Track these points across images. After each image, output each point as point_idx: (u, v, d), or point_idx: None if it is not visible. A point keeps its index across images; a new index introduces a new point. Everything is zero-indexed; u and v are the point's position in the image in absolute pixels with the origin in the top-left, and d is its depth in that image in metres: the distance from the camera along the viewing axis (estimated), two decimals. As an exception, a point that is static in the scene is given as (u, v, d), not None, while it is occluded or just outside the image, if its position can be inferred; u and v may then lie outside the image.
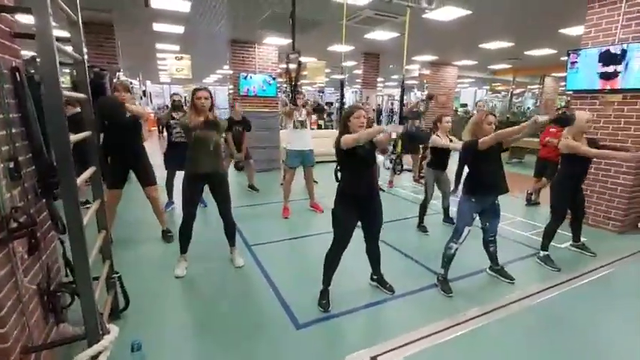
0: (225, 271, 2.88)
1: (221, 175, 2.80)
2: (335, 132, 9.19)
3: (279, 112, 3.94)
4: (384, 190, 5.53)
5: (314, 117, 11.18)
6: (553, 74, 11.98)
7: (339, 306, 2.36)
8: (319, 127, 12.12)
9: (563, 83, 14.47)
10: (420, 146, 6.03)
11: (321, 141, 5.66)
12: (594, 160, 3.64)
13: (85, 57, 1.73)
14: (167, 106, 17.06)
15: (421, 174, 6.19)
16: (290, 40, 3.46)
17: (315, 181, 4.52)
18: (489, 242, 2.77)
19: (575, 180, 3.09)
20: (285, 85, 14.31)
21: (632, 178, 3.81)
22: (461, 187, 2.68)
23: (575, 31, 5.82)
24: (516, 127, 2.37)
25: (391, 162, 5.68)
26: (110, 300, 2.07)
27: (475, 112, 6.05)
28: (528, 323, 2.30)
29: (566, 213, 3.17)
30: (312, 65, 8.13)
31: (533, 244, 3.48)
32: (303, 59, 7.14)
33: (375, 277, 2.65)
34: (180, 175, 3.68)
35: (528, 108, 16.14)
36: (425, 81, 10.79)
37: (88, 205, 2.11)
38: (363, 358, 1.91)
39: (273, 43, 7.20)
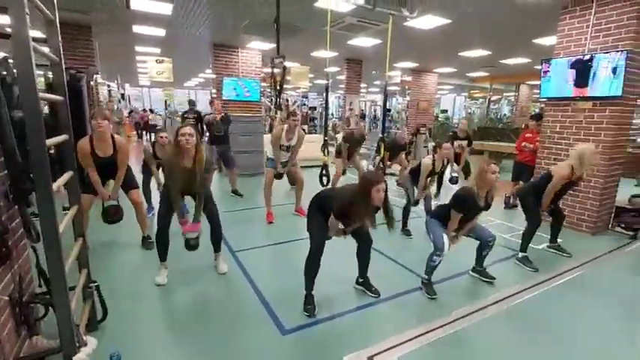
0: (208, 277, 2.82)
1: (205, 194, 2.68)
2: (319, 136, 9.22)
3: (271, 139, 3.90)
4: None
5: (303, 134, 11.21)
6: (528, 82, 12.47)
7: (325, 310, 2.35)
8: (303, 132, 12.12)
9: (536, 91, 15.12)
10: (403, 154, 6.15)
11: (307, 146, 5.66)
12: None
13: (62, 58, 1.67)
14: (147, 110, 16.71)
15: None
16: (274, 45, 3.45)
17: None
18: (487, 246, 2.79)
19: (540, 193, 3.20)
20: (268, 90, 14.30)
21: (602, 182, 4.00)
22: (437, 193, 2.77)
23: (548, 41, 6.10)
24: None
25: (374, 166, 5.74)
26: (87, 310, 1.98)
27: (458, 120, 6.20)
28: (509, 322, 2.36)
29: (541, 218, 3.28)
30: (295, 70, 8.17)
31: (512, 246, 3.59)
32: (286, 64, 7.13)
33: (360, 280, 2.66)
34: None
35: (505, 114, 16.75)
36: (407, 87, 11.02)
37: (64, 212, 2.03)
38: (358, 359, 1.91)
39: (256, 48, 7.18)
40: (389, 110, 18.01)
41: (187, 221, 2.58)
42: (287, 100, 4.55)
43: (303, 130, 11.72)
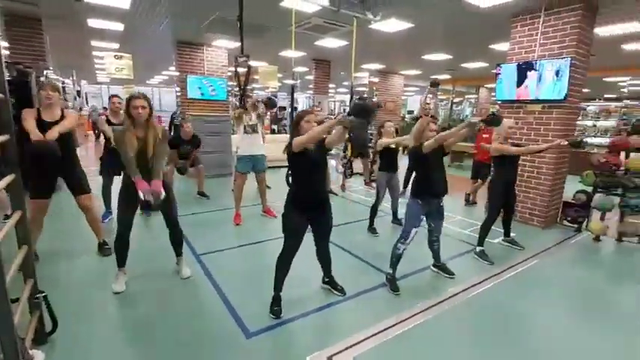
0: (170, 283, 2.72)
1: (164, 184, 2.60)
2: (287, 136, 9.19)
3: (230, 116, 3.83)
4: (336, 194, 5.65)
5: (267, 121, 11.08)
6: (486, 85, 13.15)
7: (291, 311, 2.35)
8: (273, 131, 12.03)
9: (494, 93, 15.99)
10: (370, 150, 6.27)
11: (275, 146, 5.62)
12: (521, 163, 4.08)
13: (4, 52, 1.55)
14: (105, 108, 15.82)
15: (372, 177, 6.42)
16: (239, 44, 3.41)
17: (267, 187, 4.47)
18: (434, 242, 2.96)
19: (506, 181, 3.44)
20: (236, 89, 14.06)
21: (551, 179, 4.31)
22: (409, 189, 2.84)
23: (502, 47, 6.46)
24: (454, 128, 2.58)
25: (343, 166, 5.82)
26: (34, 323, 1.85)
27: (422, 115, 6.41)
28: (467, 314, 2.49)
29: (500, 211, 3.50)
30: (263, 70, 8.08)
31: (471, 241, 3.77)
32: (254, 63, 7.04)
33: (326, 279, 2.69)
34: (118, 182, 3.44)
35: (467, 115, 17.55)
36: (374, 88, 11.24)
37: (5, 220, 1.88)
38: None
39: (222, 46, 7.02)
40: (358, 111, 18.23)
41: (142, 182, 2.42)
42: (252, 97, 4.48)
43: (273, 130, 11.57)
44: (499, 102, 4.79)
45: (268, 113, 13.26)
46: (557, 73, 4.00)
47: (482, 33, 5.71)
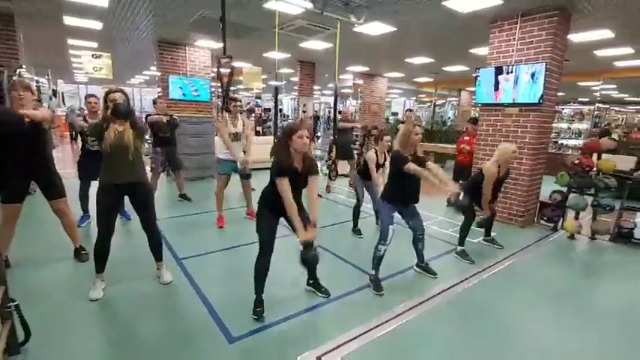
0: (150, 288, 2.66)
1: (142, 184, 2.57)
2: (271, 138, 9.12)
3: (215, 123, 3.74)
4: (320, 196, 5.66)
5: (251, 122, 10.99)
6: (467, 88, 13.47)
7: (274, 314, 2.34)
8: (257, 133, 11.94)
9: (474, 97, 16.40)
10: (355, 152, 6.32)
11: (260, 148, 5.60)
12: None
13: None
14: (83, 109, 15.35)
15: (356, 179, 6.47)
16: (222, 44, 3.36)
17: (252, 189, 4.43)
18: (418, 240, 2.99)
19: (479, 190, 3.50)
20: (220, 90, 13.90)
21: (528, 180, 4.45)
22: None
23: (482, 51, 6.63)
24: (430, 175, 2.63)
25: (328, 168, 5.84)
26: (6, 332, 1.77)
27: (404, 118, 6.51)
28: (449, 312, 2.53)
29: (475, 213, 3.57)
30: (248, 71, 8.02)
31: (453, 241, 3.84)
32: (238, 64, 6.98)
33: (310, 281, 2.68)
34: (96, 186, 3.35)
35: (449, 117, 17.93)
36: (359, 90, 11.33)
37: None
38: (298, 364, 1.91)
39: (205, 46, 6.93)
40: (341, 112, 18.42)
41: None
42: (240, 102, 4.44)
43: (258, 132, 11.47)
44: (479, 105, 4.91)
45: (253, 115, 13.20)
46: (532, 77, 4.14)
47: (463, 37, 5.85)
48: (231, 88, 3.68)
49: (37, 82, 7.68)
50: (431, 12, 4.48)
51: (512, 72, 4.31)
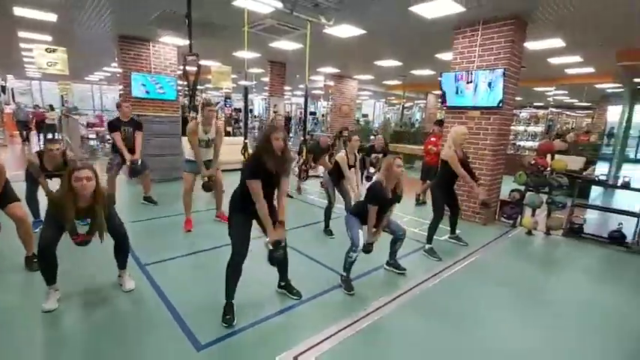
0: (111, 297, 2.51)
1: (108, 195, 2.40)
2: (242, 139, 8.95)
3: (187, 131, 3.53)
4: (292, 197, 5.63)
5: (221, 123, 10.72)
6: (434, 91, 13.97)
7: (245, 318, 2.29)
8: (228, 134, 11.68)
9: (440, 100, 17.06)
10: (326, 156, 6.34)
11: (229, 148, 5.47)
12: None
13: None
14: (37, 106, 14.28)
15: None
16: (189, 41, 3.24)
17: (222, 190, 4.31)
18: (398, 240, 3.03)
19: (448, 184, 3.67)
20: (185, 89, 13.43)
21: (489, 180, 4.68)
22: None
23: (447, 56, 6.89)
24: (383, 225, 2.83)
25: (299, 169, 5.81)
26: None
27: (378, 127, 6.58)
28: (417, 309, 2.60)
29: (444, 211, 3.71)
30: (216, 70, 7.81)
31: (421, 239, 3.96)
32: (207, 63, 6.78)
33: (282, 283, 2.66)
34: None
35: (417, 119, 18.52)
36: (330, 92, 11.41)
37: None
38: (269, 368, 1.88)
39: (171, 43, 6.68)
40: (314, 113, 18.49)
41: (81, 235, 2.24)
42: (204, 99, 4.30)
43: (228, 133, 11.21)
44: (445, 107, 5.10)
45: (222, 115, 12.89)
46: (490, 83, 4.37)
47: (429, 43, 6.06)
48: (200, 87, 3.57)
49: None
50: (399, 17, 4.60)
51: (473, 77, 4.52)
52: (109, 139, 5.21)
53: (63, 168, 3.06)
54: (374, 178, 3.00)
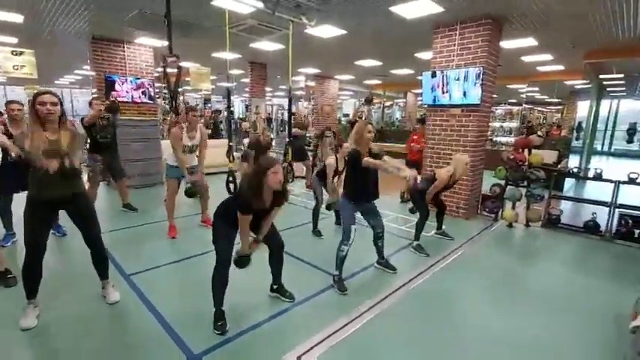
0: (95, 310, 2.39)
1: (80, 195, 2.29)
2: (224, 141, 8.83)
3: (170, 139, 3.42)
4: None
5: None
6: (413, 90, 14.24)
7: (238, 325, 2.24)
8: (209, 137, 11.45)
9: (420, 98, 17.39)
10: (309, 154, 6.33)
11: (211, 152, 5.35)
12: (445, 162, 4.48)
13: None
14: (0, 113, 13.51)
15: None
16: (167, 42, 3.14)
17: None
18: (378, 238, 3.07)
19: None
20: (164, 92, 13.06)
21: (471, 175, 4.79)
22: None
23: (426, 55, 7.03)
24: (388, 166, 2.68)
25: (284, 170, 5.77)
26: None
27: (357, 119, 6.65)
28: (411, 305, 2.63)
29: (429, 210, 3.76)
30: (195, 71, 7.65)
31: (408, 236, 4.02)
32: (186, 64, 6.63)
33: (275, 286, 2.62)
34: (19, 199, 2.95)
35: (397, 118, 18.80)
36: (312, 92, 11.40)
37: None
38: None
39: (146, 44, 6.48)
40: (294, 114, 18.41)
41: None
42: (186, 103, 4.19)
43: (209, 136, 11.03)
44: (425, 106, 5.19)
45: (198, 109, 12.57)
46: (471, 80, 4.48)
47: (409, 42, 6.16)
48: (178, 89, 3.47)
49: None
50: (379, 17, 4.65)
51: (453, 75, 4.63)
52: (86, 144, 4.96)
53: None
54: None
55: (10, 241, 3.43)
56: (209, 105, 14.08)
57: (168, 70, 2.96)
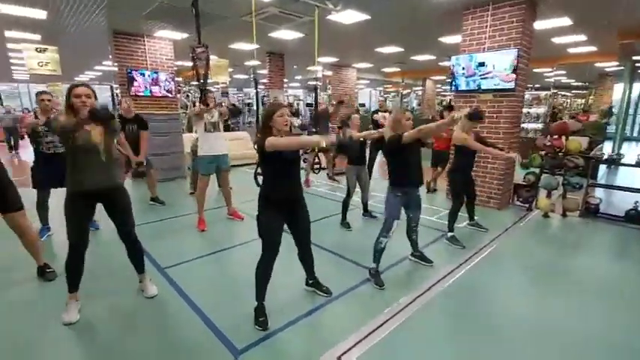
0: (135, 305, 2.40)
1: (118, 188, 2.28)
2: (243, 134, 8.80)
3: (189, 113, 3.44)
4: (302, 190, 5.51)
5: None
6: (432, 77, 13.82)
7: (278, 320, 2.19)
8: (227, 128, 11.47)
9: (439, 85, 16.91)
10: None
11: (234, 143, 5.32)
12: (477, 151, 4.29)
13: None
14: (27, 110, 13.88)
15: (335, 171, 6.39)
16: (185, 34, 3.08)
17: (230, 187, 4.19)
18: (412, 231, 2.98)
19: (465, 169, 3.57)
20: (181, 85, 13.11)
21: (504, 163, 4.60)
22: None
23: (450, 39, 6.77)
24: (434, 123, 2.57)
25: (304, 161, 5.68)
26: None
27: (379, 107, 6.47)
28: (451, 301, 2.52)
29: (463, 197, 3.64)
30: (214, 63, 7.59)
31: (439, 227, 3.89)
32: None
33: (310, 281, 2.56)
34: (56, 195, 2.98)
35: (413, 107, 18.37)
36: (328, 82, 11.21)
37: None
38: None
39: (166, 37, 6.44)
40: (310, 105, 18.23)
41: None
42: (214, 96, 4.16)
43: (227, 128, 11.02)
44: (454, 92, 4.98)
45: (212, 95, 12.54)
46: (504, 64, 4.25)
47: (434, 26, 5.90)
48: (194, 83, 3.38)
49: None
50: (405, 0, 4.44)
51: (484, 58, 4.40)
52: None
53: None
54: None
55: (45, 234, 3.49)
56: (226, 98, 14.05)
57: (198, 61, 2.89)
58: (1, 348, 1.94)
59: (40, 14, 5.09)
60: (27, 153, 9.62)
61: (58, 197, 3.09)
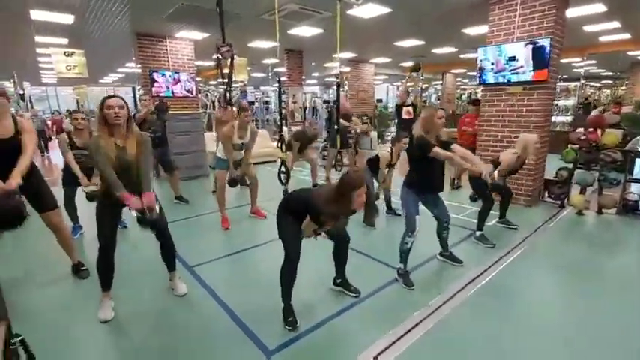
0: (166, 303, 2.43)
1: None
2: (262, 131, 8.80)
3: (220, 138, 3.42)
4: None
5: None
6: (452, 70, 13.46)
7: (307, 320, 2.17)
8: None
9: (459, 78, 16.47)
10: (351, 141, 6.14)
11: (257, 141, 5.34)
12: (505, 146, 4.15)
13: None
14: (58, 112, 14.43)
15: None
16: (206, 34, 3.08)
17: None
18: (444, 229, 2.88)
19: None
20: (201, 85, 13.31)
21: (534, 159, 4.39)
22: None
23: (474, 30, 6.55)
24: (465, 162, 2.55)
25: (324, 158, 5.63)
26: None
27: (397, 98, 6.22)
28: (484, 301, 2.43)
29: (494, 198, 3.49)
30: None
31: (466, 225, 3.78)
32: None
33: (338, 280, 2.53)
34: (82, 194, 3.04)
35: (432, 102, 17.98)
36: (345, 77, 11.10)
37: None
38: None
39: (186, 38, 6.53)
40: (328, 102, 18.11)
41: (131, 196, 2.09)
42: (242, 104, 4.18)
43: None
44: (482, 85, 4.80)
45: (249, 109, 12.62)
46: (535, 55, 4.06)
47: (457, 16, 5.71)
48: (213, 82, 3.38)
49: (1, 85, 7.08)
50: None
51: (513, 49, 4.21)
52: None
53: None
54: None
55: (78, 233, 3.59)
56: (244, 97, 14.14)
57: (223, 60, 2.89)
58: (45, 343, 2.00)
59: (68, 19, 5.25)
60: (56, 155, 9.98)
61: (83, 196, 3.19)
